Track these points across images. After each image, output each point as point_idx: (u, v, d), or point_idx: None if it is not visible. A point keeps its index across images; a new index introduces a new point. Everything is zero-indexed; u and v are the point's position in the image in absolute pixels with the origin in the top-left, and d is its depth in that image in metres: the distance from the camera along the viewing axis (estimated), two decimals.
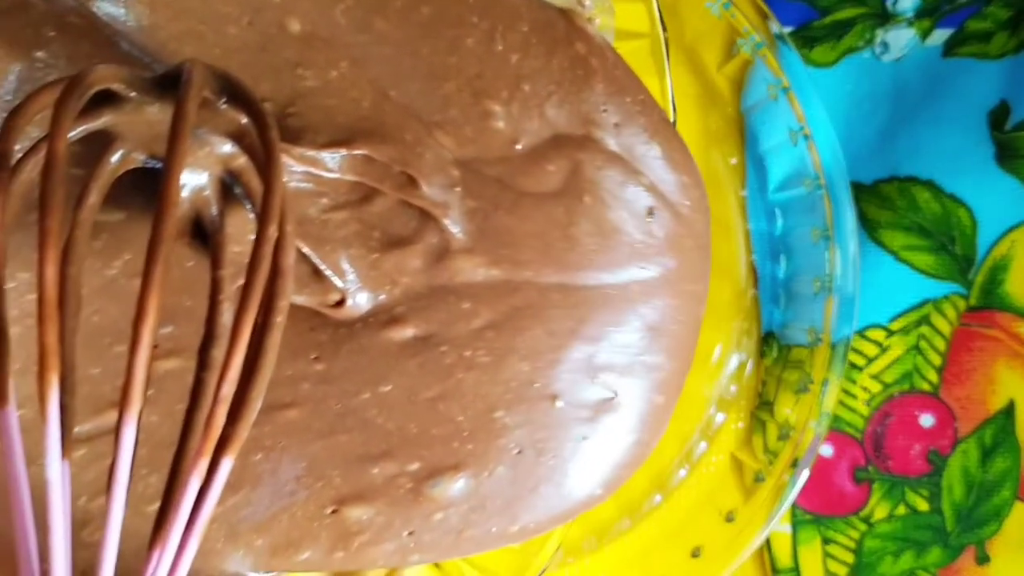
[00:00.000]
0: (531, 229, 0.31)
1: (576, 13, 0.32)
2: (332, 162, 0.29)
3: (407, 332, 0.30)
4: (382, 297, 0.30)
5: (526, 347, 0.31)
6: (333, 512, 0.30)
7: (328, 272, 0.29)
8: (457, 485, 0.30)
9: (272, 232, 0.22)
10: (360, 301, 0.30)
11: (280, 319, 0.22)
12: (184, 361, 0.28)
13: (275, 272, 0.22)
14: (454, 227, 0.30)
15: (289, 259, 0.23)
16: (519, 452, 0.31)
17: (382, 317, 0.30)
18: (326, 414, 0.29)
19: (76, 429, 0.27)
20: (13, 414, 0.20)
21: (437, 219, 0.30)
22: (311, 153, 0.28)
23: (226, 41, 0.29)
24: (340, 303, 0.29)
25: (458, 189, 0.30)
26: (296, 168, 0.28)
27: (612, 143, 0.32)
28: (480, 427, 0.31)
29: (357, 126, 0.29)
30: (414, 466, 0.30)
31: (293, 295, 0.29)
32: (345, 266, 0.29)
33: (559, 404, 0.31)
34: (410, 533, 0.30)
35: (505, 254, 0.31)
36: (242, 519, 0.29)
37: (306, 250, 0.29)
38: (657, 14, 0.36)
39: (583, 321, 0.32)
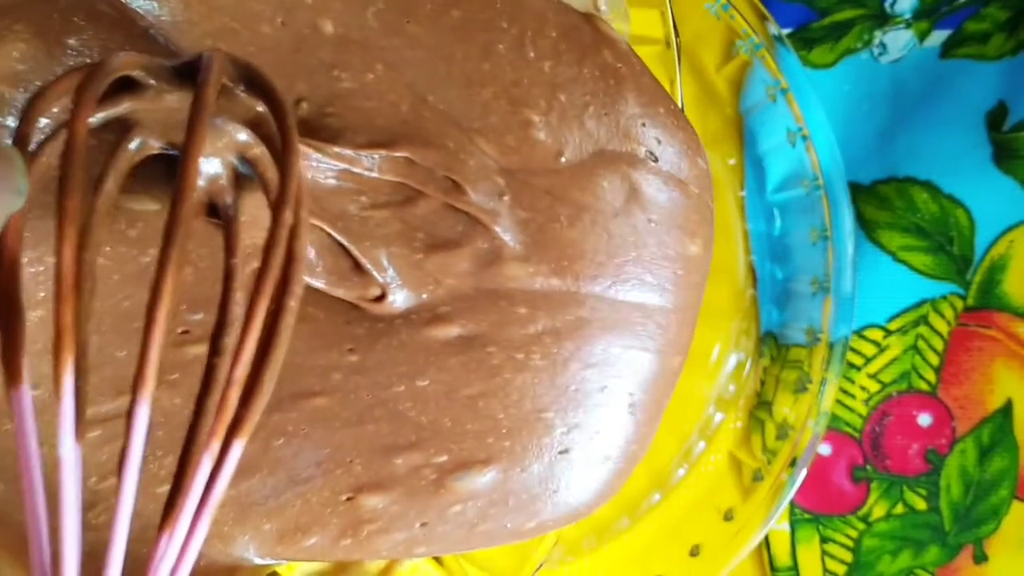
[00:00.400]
0: (597, 245, 0.32)
1: (598, 18, 0.33)
2: (370, 162, 0.29)
3: (452, 331, 0.30)
4: (424, 296, 0.30)
5: (595, 357, 0.32)
6: (348, 499, 0.30)
7: (369, 267, 0.29)
8: (484, 479, 0.31)
9: (288, 218, 0.23)
10: (400, 298, 0.30)
11: (293, 304, 0.23)
12: None
13: (289, 258, 0.23)
14: (505, 234, 0.31)
15: (303, 245, 0.23)
16: (563, 452, 0.31)
17: (424, 315, 0.30)
18: (356, 404, 0.30)
19: (96, 409, 0.28)
20: (27, 394, 0.20)
21: (487, 225, 0.30)
22: (349, 152, 0.28)
23: (260, 40, 0.29)
24: (380, 298, 0.30)
25: (506, 198, 0.31)
26: (332, 165, 0.28)
27: (663, 162, 0.33)
28: (523, 425, 0.31)
29: (398, 129, 0.29)
30: (442, 458, 0.30)
31: (332, 288, 0.29)
32: (385, 262, 0.29)
33: (628, 411, 0.32)
34: (423, 524, 0.31)
35: (568, 266, 0.31)
36: (254, 502, 0.29)
37: (346, 244, 0.29)
38: (671, 20, 0.36)
39: (654, 339, 0.33)
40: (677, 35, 0.37)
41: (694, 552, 0.43)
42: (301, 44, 0.29)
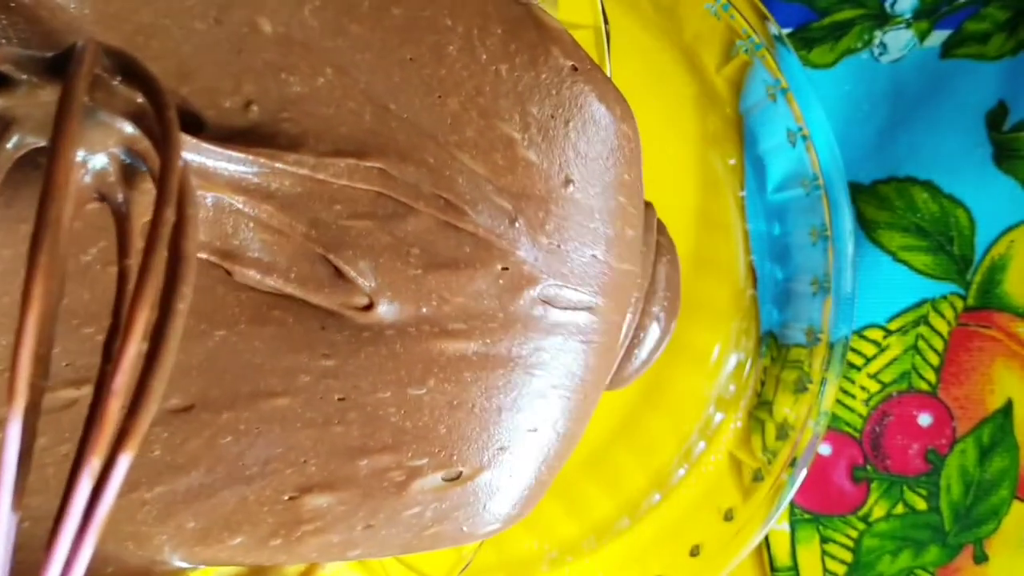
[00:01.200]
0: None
1: (537, 7, 0.31)
2: (337, 171, 0.28)
3: (468, 347, 0.30)
4: (424, 310, 0.30)
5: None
6: (291, 499, 0.29)
7: (353, 275, 0.29)
8: (458, 482, 0.30)
9: (169, 215, 0.21)
10: (392, 309, 0.29)
11: (182, 306, 0.21)
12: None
13: (175, 257, 0.21)
14: (532, 260, 0.30)
15: (191, 244, 0.22)
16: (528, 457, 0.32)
17: (428, 328, 0.30)
18: (323, 406, 0.29)
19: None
20: None
21: (505, 250, 0.30)
22: (310, 159, 0.28)
23: (195, 37, 0.28)
24: (368, 307, 0.29)
25: (519, 223, 0.30)
26: (294, 171, 0.28)
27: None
28: (516, 436, 0.31)
29: (366, 139, 0.29)
30: (420, 461, 0.30)
31: (307, 294, 0.29)
32: (370, 273, 0.29)
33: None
34: (367, 527, 0.30)
35: (634, 304, 0.31)
36: (182, 500, 0.29)
37: (321, 251, 0.29)
38: (600, 6, 0.36)
39: None
40: (606, 21, 0.36)
41: (694, 552, 0.43)
42: (242, 44, 0.28)
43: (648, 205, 0.42)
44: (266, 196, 0.28)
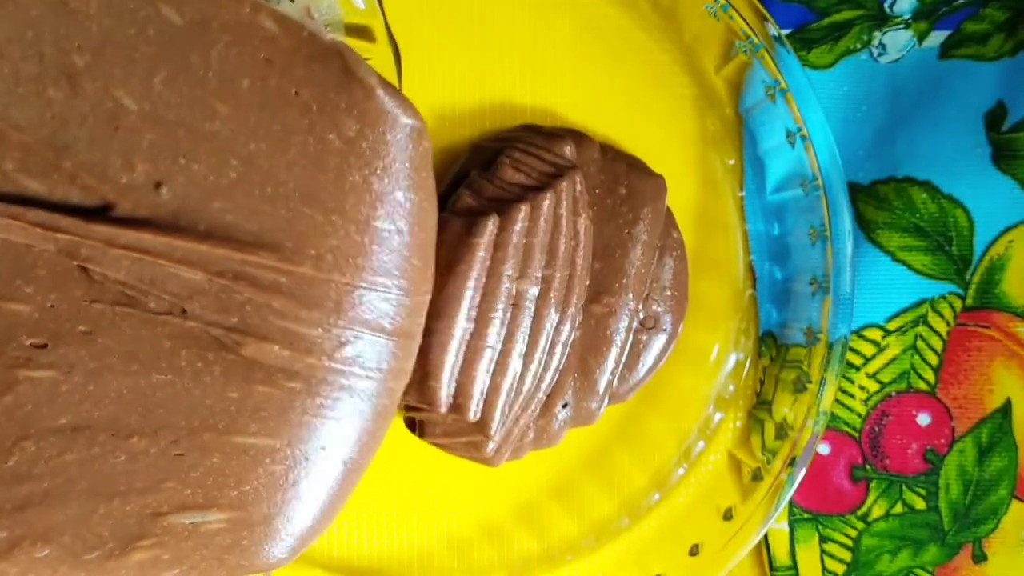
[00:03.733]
0: None
1: (353, 55, 0.30)
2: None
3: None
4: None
5: None
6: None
7: None
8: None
9: None
10: None
11: None
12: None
13: None
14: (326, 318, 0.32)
15: None
16: None
17: None
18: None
19: None
20: None
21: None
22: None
23: (55, 107, 0.29)
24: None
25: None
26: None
27: None
28: None
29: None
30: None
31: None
32: None
33: None
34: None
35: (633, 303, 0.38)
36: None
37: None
38: (387, 31, 0.35)
39: None
40: (396, 47, 0.36)
41: (693, 551, 0.43)
42: (114, 119, 0.29)
43: (654, 200, 0.42)
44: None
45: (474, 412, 0.39)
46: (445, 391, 0.39)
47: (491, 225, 0.38)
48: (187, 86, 0.29)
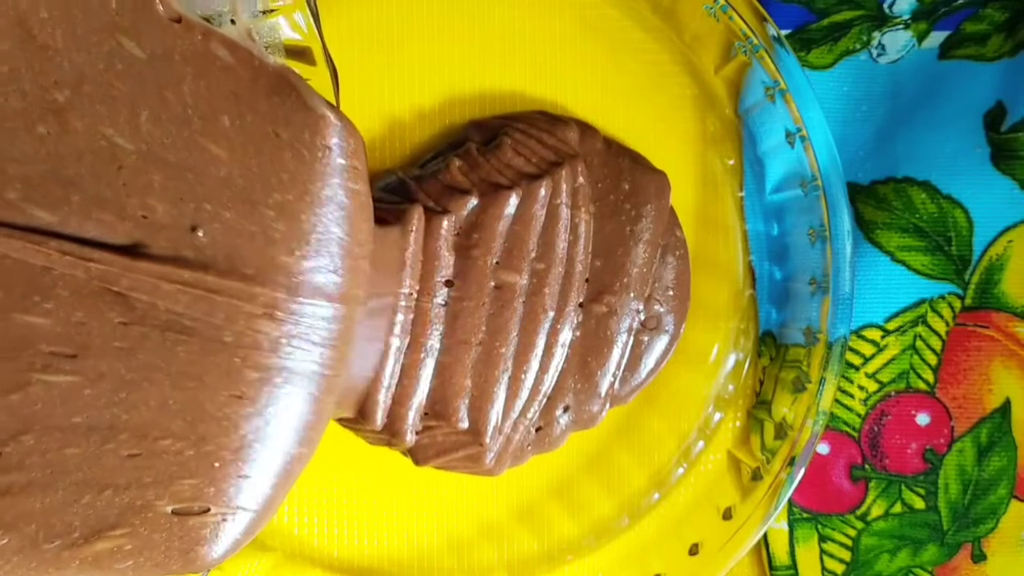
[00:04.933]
0: None
1: (302, 83, 0.32)
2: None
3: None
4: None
5: None
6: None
7: None
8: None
9: None
10: None
11: None
12: None
13: None
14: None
15: None
16: None
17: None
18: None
19: None
20: None
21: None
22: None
23: (49, 143, 0.29)
24: None
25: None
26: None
27: None
28: None
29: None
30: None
31: None
32: None
33: None
34: None
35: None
36: None
37: None
38: (324, 52, 0.35)
39: None
40: (334, 70, 0.36)
41: (693, 551, 0.43)
42: (115, 159, 0.30)
43: (658, 198, 0.42)
44: None
45: (462, 419, 0.39)
46: (380, 404, 0.39)
47: (416, 218, 0.38)
48: (173, 126, 0.30)
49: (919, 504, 0.45)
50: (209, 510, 0.31)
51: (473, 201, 0.39)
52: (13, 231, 0.29)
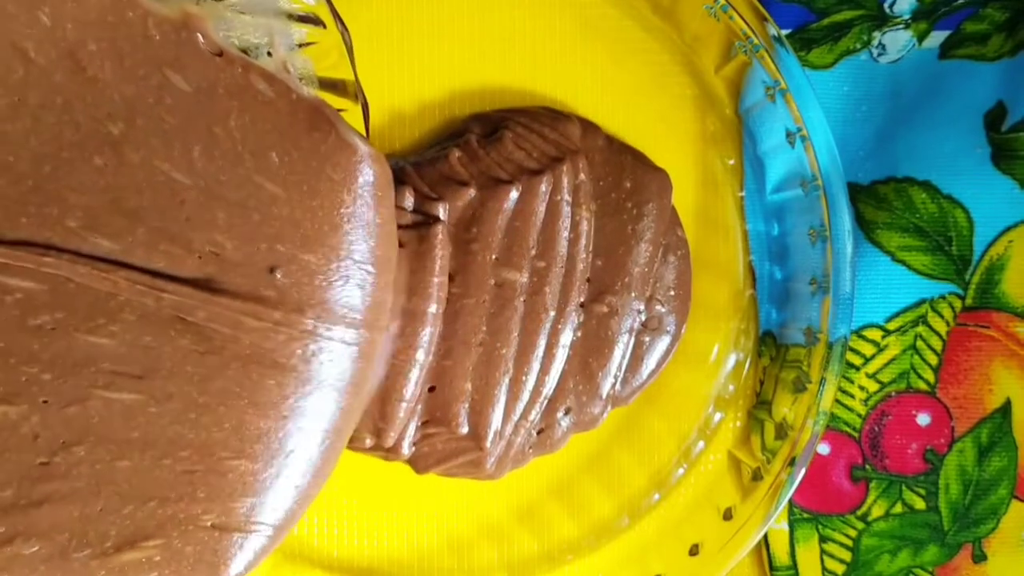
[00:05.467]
0: None
1: (337, 117, 0.32)
2: None
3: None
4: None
5: None
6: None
7: None
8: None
9: None
10: None
11: None
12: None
13: None
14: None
15: None
16: None
17: None
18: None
19: None
20: None
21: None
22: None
23: (108, 175, 0.30)
24: None
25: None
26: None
27: None
28: None
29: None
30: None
31: None
32: None
33: None
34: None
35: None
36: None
37: None
38: (357, 86, 0.36)
39: None
40: (363, 97, 0.36)
41: (693, 551, 0.43)
42: (176, 193, 0.31)
43: (660, 197, 0.42)
44: None
45: (462, 424, 0.39)
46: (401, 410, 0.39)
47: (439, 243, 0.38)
48: (226, 162, 0.31)
49: (920, 504, 0.45)
50: (252, 527, 0.32)
51: (471, 192, 0.39)
52: (78, 257, 0.30)
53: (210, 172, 0.31)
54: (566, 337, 0.40)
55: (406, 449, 0.39)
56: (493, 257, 0.39)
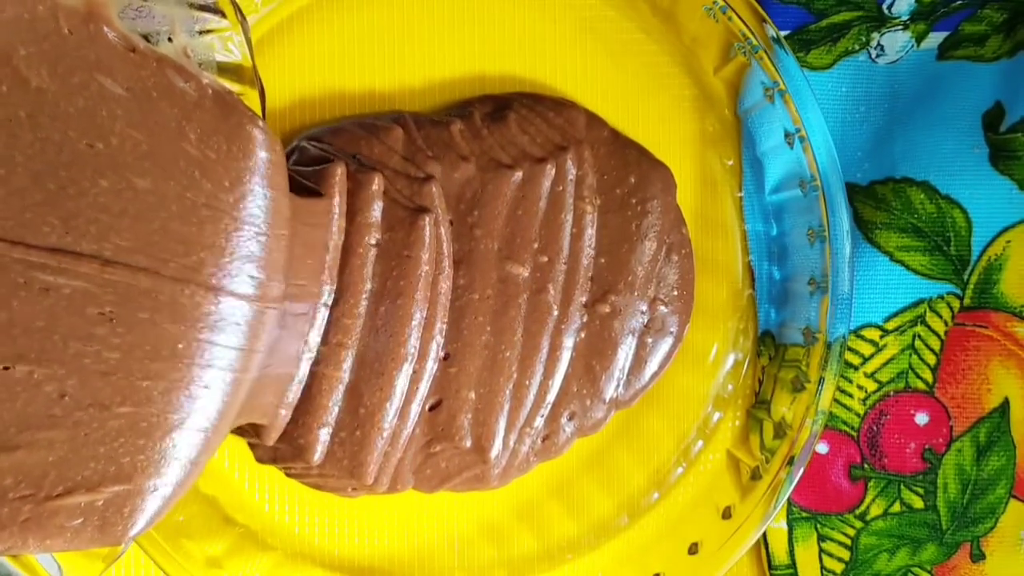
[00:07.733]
0: None
1: (240, 104, 0.33)
2: None
3: None
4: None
5: None
6: None
7: None
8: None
9: None
10: None
11: None
12: None
13: None
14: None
15: None
16: None
17: None
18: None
19: None
20: None
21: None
22: None
23: (152, 197, 0.31)
24: None
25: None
26: None
27: None
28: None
29: None
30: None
31: None
32: None
33: None
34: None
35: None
36: None
37: None
38: (254, 72, 0.36)
39: None
40: (260, 84, 0.36)
41: (693, 550, 0.43)
42: (195, 210, 0.31)
43: (665, 193, 0.42)
44: None
45: (465, 437, 0.38)
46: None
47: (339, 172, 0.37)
48: (188, 172, 0.31)
49: (918, 503, 0.45)
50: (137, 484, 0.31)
51: (471, 169, 0.38)
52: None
53: (178, 188, 0.31)
54: (569, 339, 0.40)
55: (318, 455, 0.38)
56: (496, 247, 0.38)
